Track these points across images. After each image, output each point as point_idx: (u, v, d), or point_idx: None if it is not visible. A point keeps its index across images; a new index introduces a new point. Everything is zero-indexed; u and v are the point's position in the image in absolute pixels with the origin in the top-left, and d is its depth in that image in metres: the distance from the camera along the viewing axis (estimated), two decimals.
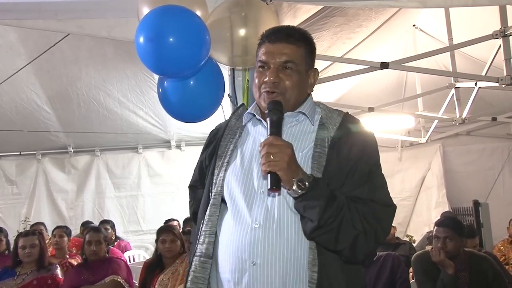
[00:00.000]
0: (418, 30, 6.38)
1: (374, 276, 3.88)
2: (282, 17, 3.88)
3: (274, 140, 1.50)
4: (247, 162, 1.64)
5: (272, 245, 1.51)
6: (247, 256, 1.52)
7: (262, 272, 1.51)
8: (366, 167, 1.59)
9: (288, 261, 1.51)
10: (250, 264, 1.52)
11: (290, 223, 1.53)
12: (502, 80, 4.56)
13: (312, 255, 1.51)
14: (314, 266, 1.50)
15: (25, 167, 7.25)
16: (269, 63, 1.65)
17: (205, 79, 2.84)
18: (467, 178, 7.86)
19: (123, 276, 3.98)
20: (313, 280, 1.49)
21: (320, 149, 1.59)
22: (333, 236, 1.48)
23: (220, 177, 1.65)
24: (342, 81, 5.80)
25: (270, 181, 1.47)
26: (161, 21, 2.50)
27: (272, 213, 1.54)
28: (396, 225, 6.50)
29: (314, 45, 1.76)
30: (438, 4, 3.31)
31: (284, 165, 1.45)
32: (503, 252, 5.60)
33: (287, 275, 1.51)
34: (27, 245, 4.02)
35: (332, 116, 1.69)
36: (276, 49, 1.65)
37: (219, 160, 1.69)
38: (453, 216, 5.31)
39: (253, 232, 1.53)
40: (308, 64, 1.72)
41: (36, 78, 5.61)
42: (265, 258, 1.51)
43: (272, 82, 1.62)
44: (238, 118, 1.80)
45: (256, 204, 1.57)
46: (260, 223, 1.54)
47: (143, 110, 6.45)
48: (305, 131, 1.67)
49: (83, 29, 3.55)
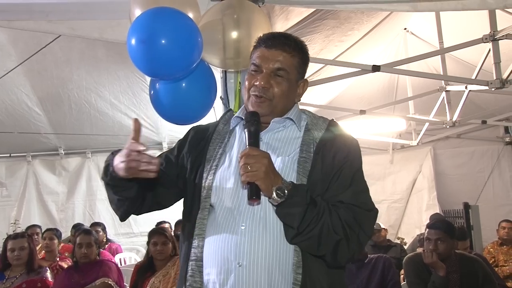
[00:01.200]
0: (409, 33, 6.42)
1: (365, 278, 3.89)
2: (274, 20, 3.89)
3: (251, 151, 1.52)
4: (235, 167, 1.65)
5: (257, 246, 1.53)
6: (233, 258, 1.54)
7: (248, 273, 1.52)
8: (350, 173, 1.62)
9: (274, 262, 1.53)
10: (236, 266, 1.53)
11: (275, 226, 1.55)
12: (492, 83, 4.60)
13: (297, 257, 1.53)
14: (298, 268, 1.52)
15: (15, 169, 7.20)
16: (262, 68, 1.67)
17: (197, 81, 2.84)
18: (458, 180, 7.91)
19: (114, 278, 3.97)
20: (297, 281, 1.52)
21: (306, 154, 1.62)
22: (314, 242, 1.51)
23: (209, 180, 1.65)
24: (334, 84, 5.81)
25: (249, 191, 1.50)
26: (153, 23, 2.49)
27: (258, 215, 1.57)
28: (387, 228, 6.53)
29: (308, 56, 1.79)
30: (428, 8, 3.33)
31: (262, 175, 1.48)
32: (492, 254, 5.64)
33: (273, 276, 1.53)
34: (16, 248, 3.98)
35: (318, 122, 1.73)
36: (271, 55, 1.67)
37: (208, 163, 1.69)
38: (444, 219, 5.35)
39: (239, 234, 1.55)
40: (300, 74, 1.75)
41: (26, 80, 5.58)
42: (251, 259, 1.53)
43: (262, 87, 1.65)
44: (226, 123, 1.81)
45: (243, 206, 1.58)
46: (246, 225, 1.56)
47: (135, 112, 6.43)
48: (291, 137, 1.70)
49: (74, 31, 3.54)
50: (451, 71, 5.80)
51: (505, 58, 4.62)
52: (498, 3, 2.97)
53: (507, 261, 5.51)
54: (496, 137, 7.88)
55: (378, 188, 8.18)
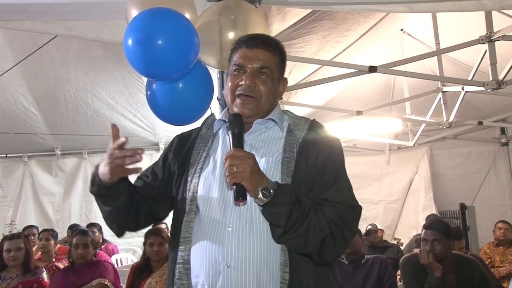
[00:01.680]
0: (405, 34, 6.44)
1: (362, 278, 3.89)
2: (271, 20, 3.89)
3: (235, 152, 1.54)
4: (219, 169, 1.66)
5: (245, 247, 1.55)
6: (221, 259, 1.55)
7: (236, 274, 1.53)
8: (333, 171, 1.64)
9: (262, 262, 1.55)
10: (224, 267, 1.54)
11: (262, 226, 1.57)
12: (488, 84, 4.62)
13: (284, 256, 1.55)
14: (286, 267, 1.54)
15: (11, 170, 7.18)
16: (246, 67, 1.68)
17: (194, 82, 2.84)
18: (454, 181, 7.94)
19: (110, 279, 3.95)
20: (285, 280, 1.53)
21: (289, 155, 1.64)
22: (301, 241, 1.53)
23: (194, 184, 1.67)
24: (331, 85, 5.83)
25: (235, 192, 1.52)
26: (150, 24, 2.49)
27: (244, 216, 1.58)
28: (384, 228, 6.54)
29: (285, 55, 1.81)
30: (425, 9, 3.34)
31: (247, 175, 1.50)
32: (488, 255, 5.65)
33: (261, 276, 1.54)
34: (12, 249, 3.97)
35: (300, 123, 1.74)
36: (254, 54, 1.69)
37: (192, 167, 1.71)
38: (440, 219, 5.36)
39: (227, 235, 1.56)
40: (280, 73, 1.77)
41: (23, 80, 5.57)
42: (239, 260, 1.54)
43: (248, 86, 1.66)
44: (209, 127, 1.82)
45: (229, 208, 1.59)
46: (233, 226, 1.57)
47: (132, 113, 6.42)
48: (274, 137, 1.72)
49: (71, 31, 3.53)
50: (447, 72, 5.82)
51: (501, 59, 4.64)
52: (494, 4, 2.98)
53: (503, 261, 5.53)
54: (492, 138, 7.92)
55: (375, 189, 8.20)
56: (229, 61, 1.77)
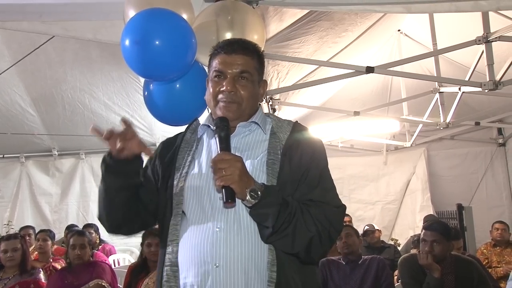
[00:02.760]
0: (403, 35, 6.45)
1: (359, 279, 3.90)
2: (268, 21, 3.90)
3: (224, 155, 1.57)
4: (205, 172, 1.69)
5: (233, 247, 1.57)
6: (210, 259, 1.57)
7: (225, 273, 1.56)
8: (317, 172, 1.68)
9: (250, 261, 1.57)
10: (213, 267, 1.56)
11: (250, 226, 1.59)
12: (485, 85, 4.63)
13: (271, 256, 1.58)
14: (273, 266, 1.57)
15: (8, 170, 7.16)
16: (226, 73, 1.71)
17: (191, 83, 2.84)
18: (451, 182, 7.94)
19: (107, 280, 3.95)
20: (272, 279, 1.56)
21: (274, 157, 1.67)
22: (289, 240, 1.56)
23: (180, 187, 1.69)
24: (328, 85, 5.83)
25: (225, 195, 1.54)
26: (147, 24, 2.49)
27: (232, 216, 1.60)
28: (381, 229, 6.54)
29: (263, 58, 1.84)
30: (422, 9, 3.35)
31: (236, 178, 1.52)
32: (486, 256, 5.66)
33: (249, 275, 1.56)
34: (8, 249, 3.96)
35: (283, 125, 1.77)
36: (233, 59, 1.71)
37: (177, 171, 1.72)
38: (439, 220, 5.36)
39: (215, 235, 1.58)
40: (260, 75, 1.80)
41: (20, 80, 5.55)
42: (228, 259, 1.56)
43: (229, 92, 1.69)
44: (193, 132, 1.84)
45: (217, 209, 1.62)
46: (221, 226, 1.59)
47: (129, 113, 6.40)
48: (258, 140, 1.74)
49: (68, 31, 3.53)
50: (444, 72, 5.83)
51: (498, 59, 4.65)
52: (491, 5, 2.99)
53: (500, 262, 5.54)
54: (489, 139, 7.93)
55: (372, 189, 8.20)
56: (208, 67, 1.80)
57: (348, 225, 4.68)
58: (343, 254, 4.06)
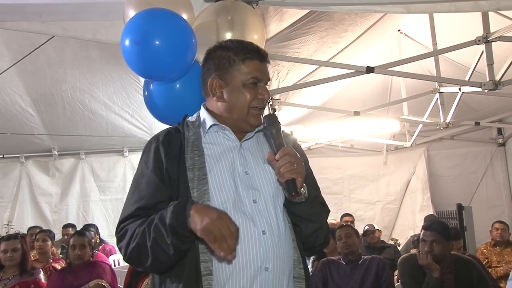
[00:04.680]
0: (403, 35, 6.45)
1: (359, 279, 3.90)
2: (268, 21, 3.90)
3: (291, 150, 1.60)
4: (228, 173, 1.65)
5: (279, 250, 1.61)
6: (260, 263, 1.58)
7: (273, 276, 1.59)
8: (313, 178, 1.79)
9: (288, 262, 1.65)
10: (262, 270, 1.58)
11: (285, 227, 1.67)
12: (485, 85, 4.63)
13: (297, 254, 1.67)
14: (300, 264, 1.66)
15: (8, 170, 7.14)
16: (263, 81, 1.72)
17: (191, 83, 2.83)
18: (451, 182, 7.95)
19: (107, 280, 3.95)
20: (301, 275, 1.65)
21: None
22: (323, 234, 1.73)
23: (204, 190, 1.59)
24: (328, 85, 5.84)
25: (291, 187, 1.57)
26: (147, 24, 2.49)
27: (271, 220, 1.64)
28: (382, 229, 6.54)
29: None
30: (422, 10, 3.35)
31: (304, 173, 1.59)
32: (486, 255, 5.66)
33: (288, 275, 1.64)
34: (9, 249, 3.96)
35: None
36: (265, 67, 1.74)
37: (190, 172, 1.61)
38: (439, 220, 5.36)
39: (263, 239, 1.60)
40: None
41: (20, 80, 5.55)
42: (275, 262, 1.60)
43: (268, 98, 1.72)
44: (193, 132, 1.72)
45: (255, 213, 1.62)
46: (266, 230, 1.61)
47: (129, 113, 6.41)
48: (260, 142, 1.78)
49: (67, 31, 3.53)
50: (444, 72, 5.83)
51: (498, 59, 4.65)
52: (491, 5, 2.99)
53: (500, 262, 5.54)
54: (489, 139, 7.93)
55: (372, 189, 8.21)
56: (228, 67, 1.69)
57: (348, 225, 4.69)
58: (343, 254, 4.06)
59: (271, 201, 1.65)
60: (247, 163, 1.68)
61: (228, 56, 1.70)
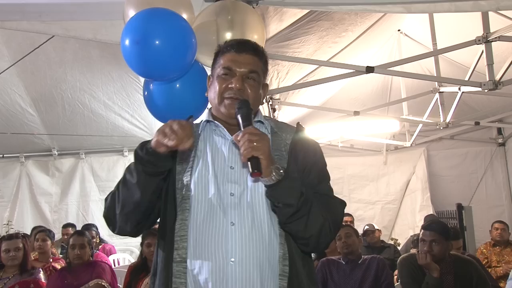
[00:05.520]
0: (403, 35, 6.45)
1: (359, 279, 3.90)
2: (268, 21, 3.90)
3: (254, 129, 1.58)
4: (211, 167, 1.69)
5: (248, 242, 1.58)
6: (225, 254, 1.57)
7: (240, 268, 1.56)
8: (319, 169, 1.76)
9: (264, 256, 1.59)
10: (228, 262, 1.57)
11: (263, 220, 1.62)
12: (485, 85, 4.63)
13: (282, 250, 1.61)
14: (285, 260, 1.60)
15: (8, 170, 7.15)
16: (235, 71, 1.72)
17: (191, 82, 2.84)
18: (451, 181, 7.96)
19: (107, 279, 3.95)
20: (285, 273, 1.59)
21: (279, 153, 1.71)
22: (304, 222, 1.59)
23: (187, 182, 1.67)
24: (328, 85, 5.84)
25: (252, 165, 1.53)
26: (147, 24, 2.49)
27: (245, 211, 1.62)
28: (381, 229, 6.55)
29: (268, 61, 1.87)
30: (422, 9, 3.35)
31: (267, 150, 1.54)
32: (485, 255, 5.67)
33: (264, 270, 1.59)
34: (11, 248, 3.97)
35: (283, 126, 1.83)
36: (243, 59, 1.73)
37: (179, 166, 1.70)
38: (439, 220, 5.36)
39: (230, 231, 1.59)
40: (264, 78, 1.83)
41: (19, 80, 5.55)
42: (243, 255, 1.57)
43: (238, 89, 1.70)
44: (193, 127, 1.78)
45: (229, 205, 1.63)
46: (235, 221, 1.60)
47: (129, 113, 6.41)
48: None
49: (68, 31, 3.53)
50: (444, 72, 5.83)
51: (498, 59, 4.66)
52: (491, 5, 2.99)
53: (500, 262, 5.54)
54: (489, 138, 7.94)
55: (372, 189, 8.21)
56: (213, 64, 1.81)
57: (348, 225, 4.69)
58: (343, 254, 4.06)
59: (250, 194, 1.64)
60: (234, 157, 1.69)
61: (216, 54, 1.81)
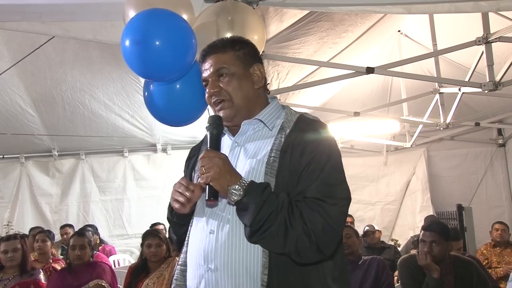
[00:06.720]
0: (403, 35, 6.45)
1: (359, 279, 3.90)
2: (268, 22, 3.90)
3: (207, 153, 1.59)
4: None
5: (224, 250, 1.56)
6: (203, 262, 1.59)
7: (216, 277, 1.56)
8: (318, 167, 1.56)
9: (240, 265, 1.54)
10: (206, 270, 1.58)
11: (242, 228, 1.56)
12: (485, 85, 4.62)
13: (265, 258, 1.53)
14: (265, 269, 1.52)
15: (8, 171, 7.15)
16: (207, 79, 1.75)
17: (191, 83, 2.83)
18: (451, 182, 7.95)
19: (107, 280, 3.95)
20: (264, 282, 1.51)
21: (275, 154, 1.61)
22: (274, 240, 1.50)
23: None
24: (328, 86, 5.84)
25: (207, 192, 1.54)
26: (147, 25, 2.49)
27: (223, 219, 1.60)
28: (381, 229, 6.54)
29: (244, 43, 1.79)
30: (422, 10, 3.35)
31: (215, 176, 1.52)
32: (486, 256, 5.66)
33: (239, 280, 1.54)
34: (9, 250, 3.96)
35: (292, 119, 1.70)
36: (207, 65, 1.75)
37: (195, 174, 1.77)
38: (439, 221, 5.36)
39: (208, 239, 1.59)
40: (244, 63, 1.74)
41: (20, 81, 5.55)
42: (219, 263, 1.56)
43: (212, 94, 1.72)
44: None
45: (210, 212, 1.64)
46: (214, 229, 1.60)
47: (129, 114, 6.41)
48: (263, 137, 1.70)
49: (68, 32, 3.53)
50: (444, 73, 5.83)
51: (498, 60, 4.66)
52: (491, 6, 2.99)
53: (500, 262, 5.54)
54: (489, 139, 7.93)
55: (372, 190, 8.21)
56: None
57: (348, 225, 4.68)
58: None
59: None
60: (235, 160, 1.66)
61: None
